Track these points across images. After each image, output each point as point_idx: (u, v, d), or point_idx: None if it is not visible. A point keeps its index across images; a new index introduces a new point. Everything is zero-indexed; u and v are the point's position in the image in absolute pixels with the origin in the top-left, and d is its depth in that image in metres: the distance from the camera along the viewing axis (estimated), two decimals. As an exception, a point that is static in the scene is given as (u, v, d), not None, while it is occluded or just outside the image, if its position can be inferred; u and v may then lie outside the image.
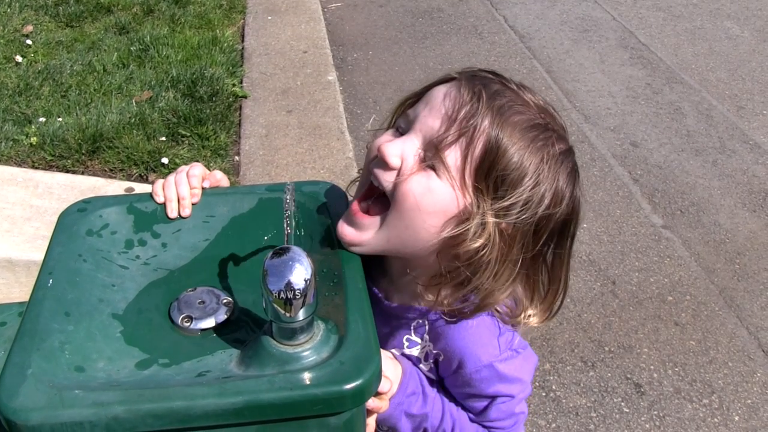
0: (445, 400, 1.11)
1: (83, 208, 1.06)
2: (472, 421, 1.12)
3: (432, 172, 0.95)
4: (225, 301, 0.96)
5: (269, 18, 4.85)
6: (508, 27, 5.03)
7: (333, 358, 0.82)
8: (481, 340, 1.06)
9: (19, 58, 3.96)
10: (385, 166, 0.96)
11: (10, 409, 0.77)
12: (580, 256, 3.05)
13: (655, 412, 2.42)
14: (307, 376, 0.80)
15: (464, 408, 1.12)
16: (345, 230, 1.00)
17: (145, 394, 0.79)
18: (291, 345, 0.83)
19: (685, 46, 4.84)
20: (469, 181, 0.94)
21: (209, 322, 0.93)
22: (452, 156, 0.94)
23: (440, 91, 0.99)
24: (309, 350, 0.83)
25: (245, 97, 3.93)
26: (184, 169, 1.10)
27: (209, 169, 1.13)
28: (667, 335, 2.71)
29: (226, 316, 0.94)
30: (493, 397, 1.09)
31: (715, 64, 4.62)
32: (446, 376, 1.11)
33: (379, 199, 1.00)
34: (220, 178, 1.13)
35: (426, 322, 1.09)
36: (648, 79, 4.43)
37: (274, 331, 0.84)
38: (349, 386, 0.80)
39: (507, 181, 0.94)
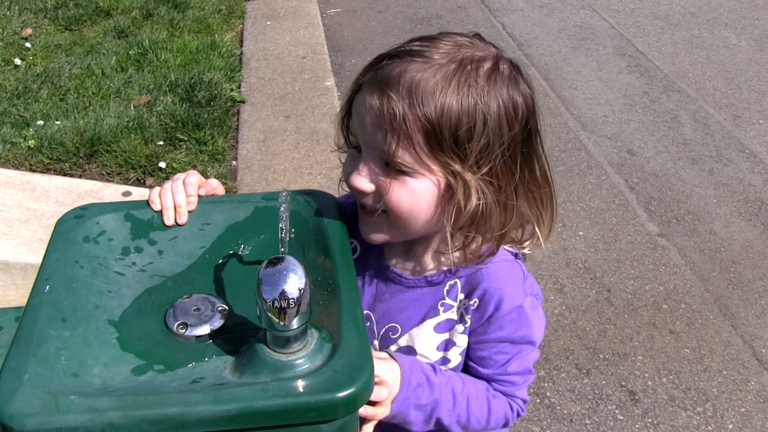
0: (454, 378, 1.13)
1: (80, 214, 1.06)
2: (484, 378, 1.16)
3: (403, 176, 1.00)
4: (220, 308, 0.97)
5: (268, 23, 4.87)
6: (506, 34, 5.05)
7: (326, 367, 0.83)
8: (512, 281, 1.13)
9: (17, 61, 3.97)
10: (364, 194, 1.04)
11: (6, 415, 0.77)
12: (575, 263, 3.07)
13: (650, 420, 2.42)
14: (300, 384, 0.81)
15: (485, 366, 1.15)
16: (364, 231, 1.09)
17: (140, 400, 0.80)
18: (285, 353, 0.84)
19: (682, 55, 4.86)
20: (431, 163, 0.99)
21: (204, 329, 0.94)
22: (404, 155, 0.98)
23: (359, 104, 1.04)
24: (302, 358, 0.84)
25: (243, 102, 3.95)
26: (180, 176, 1.11)
27: (206, 174, 1.15)
28: (662, 343, 2.72)
29: (221, 324, 0.95)
30: (518, 346, 1.13)
31: (713, 73, 4.64)
32: (479, 326, 1.13)
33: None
34: (216, 186, 1.14)
35: (457, 281, 1.13)
36: (645, 88, 4.45)
37: (268, 339, 0.85)
38: (341, 394, 0.81)
39: (460, 140, 0.98)
